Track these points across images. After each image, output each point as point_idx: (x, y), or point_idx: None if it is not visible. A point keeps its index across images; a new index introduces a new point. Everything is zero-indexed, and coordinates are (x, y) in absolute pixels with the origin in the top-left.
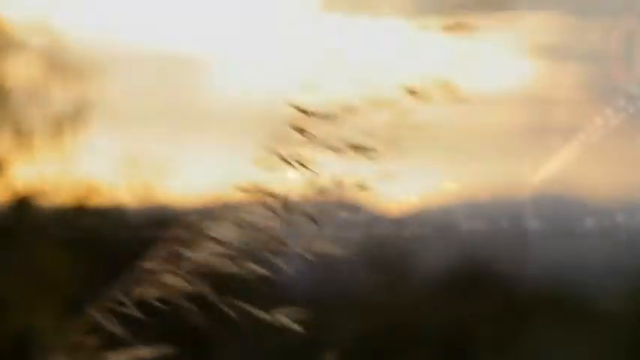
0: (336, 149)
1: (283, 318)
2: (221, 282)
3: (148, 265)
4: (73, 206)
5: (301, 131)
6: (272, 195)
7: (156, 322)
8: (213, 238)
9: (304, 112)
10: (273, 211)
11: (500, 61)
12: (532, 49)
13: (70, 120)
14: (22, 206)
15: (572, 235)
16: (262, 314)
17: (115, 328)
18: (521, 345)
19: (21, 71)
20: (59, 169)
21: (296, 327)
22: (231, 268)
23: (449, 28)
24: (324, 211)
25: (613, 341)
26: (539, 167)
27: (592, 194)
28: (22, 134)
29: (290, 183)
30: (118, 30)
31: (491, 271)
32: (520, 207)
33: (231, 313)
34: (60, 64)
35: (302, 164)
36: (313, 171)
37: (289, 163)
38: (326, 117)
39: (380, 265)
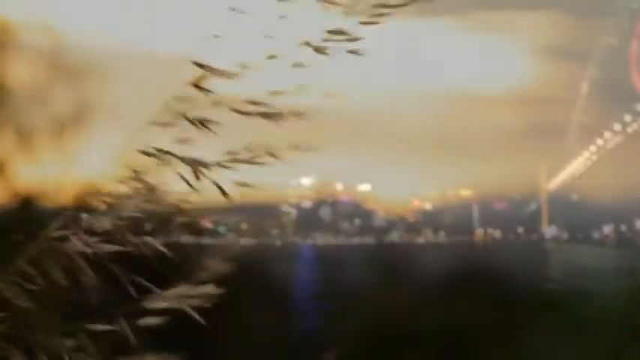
0: (242, 112)
1: (192, 294)
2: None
3: (51, 233)
4: (74, 206)
5: (204, 90)
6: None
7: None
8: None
9: (206, 68)
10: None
11: (509, 62)
12: (544, 50)
13: (71, 120)
14: (24, 207)
15: (588, 241)
16: (169, 291)
17: (22, 301)
18: (525, 347)
19: (23, 72)
20: (61, 170)
21: (203, 304)
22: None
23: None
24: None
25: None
26: (549, 169)
27: (609, 200)
28: (24, 134)
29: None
30: (120, 30)
31: (503, 277)
32: (534, 212)
33: (132, 289)
34: (61, 64)
35: (204, 124)
36: (214, 132)
37: (193, 124)
38: (230, 76)
39: (390, 269)
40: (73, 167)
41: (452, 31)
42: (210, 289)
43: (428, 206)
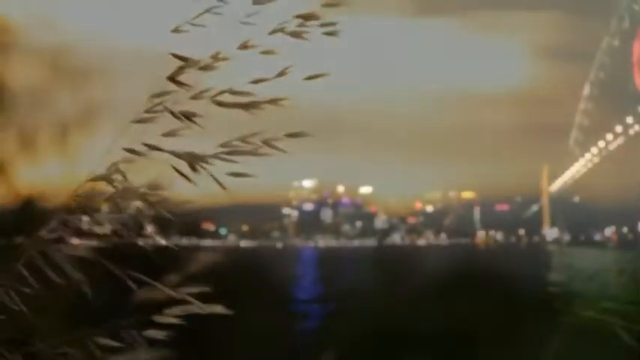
0: (224, 104)
1: (186, 294)
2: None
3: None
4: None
5: (180, 83)
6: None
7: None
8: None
9: (183, 58)
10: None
11: (510, 63)
12: (546, 51)
13: (74, 121)
14: (25, 207)
15: (590, 243)
16: (166, 288)
17: (16, 304)
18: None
19: (25, 72)
20: (63, 171)
21: (198, 304)
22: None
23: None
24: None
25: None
26: (551, 171)
27: (611, 201)
28: (26, 136)
29: None
30: (122, 30)
31: (504, 279)
32: (536, 214)
33: (133, 286)
34: (64, 65)
35: (188, 118)
36: (199, 125)
37: (177, 117)
38: (208, 67)
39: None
40: (75, 168)
41: (452, 31)
42: (188, 296)
43: (429, 208)
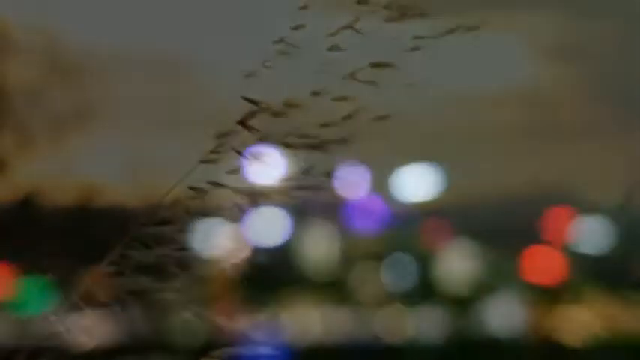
0: (290, 145)
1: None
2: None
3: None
4: (74, 206)
5: (249, 127)
6: (239, 192)
7: None
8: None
9: (255, 103)
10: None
11: (511, 63)
12: (547, 51)
13: (71, 121)
14: (25, 205)
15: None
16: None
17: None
18: None
19: (24, 72)
20: (61, 170)
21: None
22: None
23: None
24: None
25: None
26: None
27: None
28: (24, 135)
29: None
30: (119, 32)
31: None
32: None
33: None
34: (61, 65)
35: (256, 158)
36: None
37: (243, 157)
38: (277, 113)
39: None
40: (73, 167)
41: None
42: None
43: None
